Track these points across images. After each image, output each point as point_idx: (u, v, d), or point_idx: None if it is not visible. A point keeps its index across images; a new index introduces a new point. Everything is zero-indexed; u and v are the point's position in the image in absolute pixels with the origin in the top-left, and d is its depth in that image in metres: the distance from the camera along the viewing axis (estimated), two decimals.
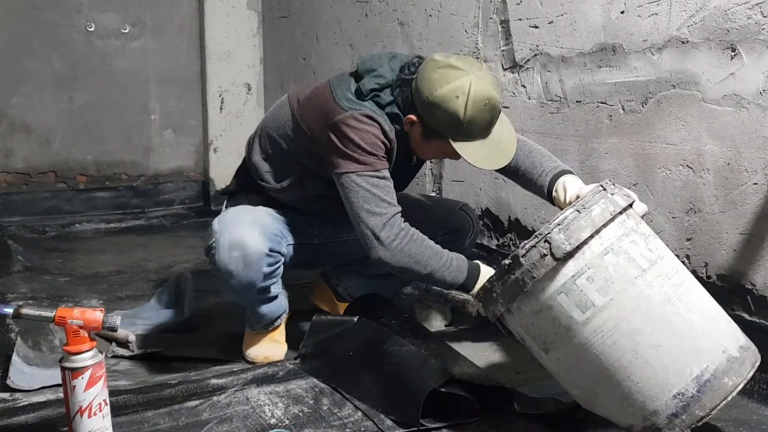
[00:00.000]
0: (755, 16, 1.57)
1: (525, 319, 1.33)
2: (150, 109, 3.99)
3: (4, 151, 3.68)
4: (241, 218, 1.73)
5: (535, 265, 1.26)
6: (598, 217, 1.27)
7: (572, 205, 1.30)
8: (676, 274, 1.31)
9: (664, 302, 1.26)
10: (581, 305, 1.26)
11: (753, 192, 1.61)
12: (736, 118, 1.63)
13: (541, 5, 2.15)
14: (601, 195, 1.31)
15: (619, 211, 1.29)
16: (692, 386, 1.23)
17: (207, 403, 1.54)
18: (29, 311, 1.30)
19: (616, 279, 1.26)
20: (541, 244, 1.26)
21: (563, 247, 1.24)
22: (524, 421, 1.46)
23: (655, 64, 1.80)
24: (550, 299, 1.27)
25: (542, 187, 1.69)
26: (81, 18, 3.75)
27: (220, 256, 1.66)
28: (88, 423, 1.27)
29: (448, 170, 2.65)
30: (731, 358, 1.26)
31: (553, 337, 1.31)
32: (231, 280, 1.68)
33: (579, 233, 1.25)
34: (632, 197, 1.36)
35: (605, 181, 1.38)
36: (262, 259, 1.67)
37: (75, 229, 3.60)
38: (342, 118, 1.63)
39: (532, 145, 1.79)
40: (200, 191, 4.17)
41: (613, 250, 1.27)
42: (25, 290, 2.47)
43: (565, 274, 1.26)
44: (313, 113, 1.71)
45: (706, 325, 1.28)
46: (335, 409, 1.53)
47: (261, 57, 4.14)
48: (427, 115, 1.62)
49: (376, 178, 1.64)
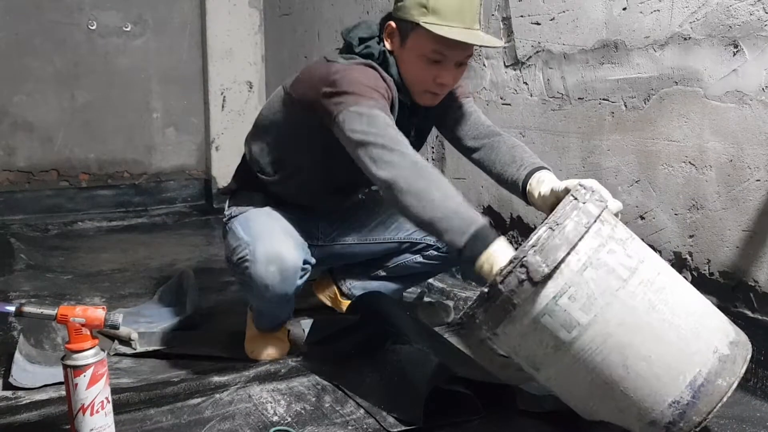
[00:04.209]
0: (758, 12, 1.56)
1: (512, 341, 1.30)
2: (152, 107, 4.00)
3: (7, 150, 3.68)
4: (270, 228, 1.69)
5: (514, 291, 1.21)
6: (572, 233, 1.21)
7: (544, 222, 1.26)
8: (658, 276, 1.27)
9: (649, 311, 1.23)
10: (566, 325, 1.22)
11: (756, 188, 1.61)
12: (738, 115, 1.62)
13: (543, 2, 2.15)
14: (573, 206, 1.25)
15: (593, 220, 1.24)
16: (687, 393, 1.21)
17: (209, 401, 1.54)
18: (31, 309, 1.30)
19: (598, 294, 1.22)
20: (518, 269, 1.20)
21: (541, 270, 1.19)
22: (526, 418, 1.46)
23: (658, 60, 1.80)
24: (534, 322, 1.24)
25: (516, 183, 1.65)
26: (83, 16, 3.75)
27: (256, 269, 1.62)
28: (90, 421, 1.27)
29: (450, 167, 2.65)
30: (723, 357, 1.24)
31: (542, 358, 1.28)
32: (266, 293, 1.65)
33: (555, 253, 1.20)
34: (605, 200, 1.29)
35: (575, 185, 1.33)
36: (297, 272, 1.65)
37: (77, 227, 3.61)
38: (337, 68, 1.59)
39: (516, 141, 1.76)
40: (202, 189, 4.18)
41: (591, 264, 1.22)
42: (28, 288, 2.47)
43: (546, 296, 1.22)
44: (308, 81, 1.67)
45: (694, 326, 1.25)
46: (337, 406, 1.53)
47: (263, 55, 4.14)
48: (396, 10, 1.61)
49: (381, 110, 1.51)
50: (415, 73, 1.63)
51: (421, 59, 1.60)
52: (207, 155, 4.14)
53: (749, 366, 1.28)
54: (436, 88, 1.64)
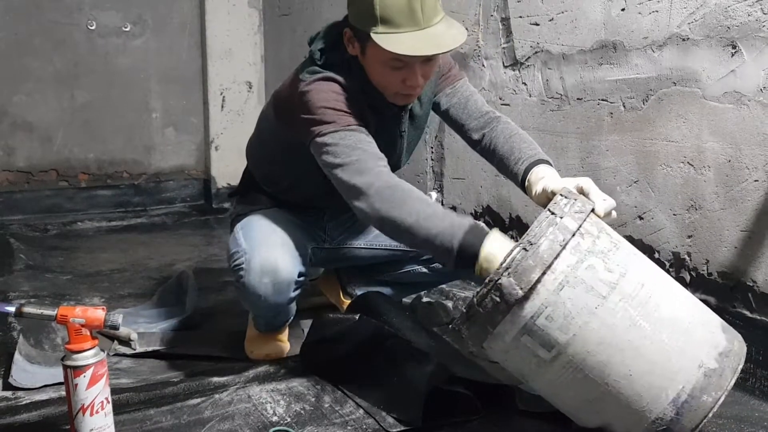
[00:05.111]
0: (755, 13, 1.56)
1: (498, 356, 1.30)
2: (151, 107, 3.99)
3: (6, 150, 3.68)
4: (270, 237, 1.68)
5: (491, 313, 1.21)
6: (546, 252, 1.19)
7: (519, 241, 1.23)
8: (642, 288, 1.23)
9: (629, 328, 1.20)
10: (545, 344, 1.21)
11: (754, 189, 1.61)
12: (736, 115, 1.63)
13: (542, 2, 2.15)
14: (549, 222, 1.22)
15: (570, 236, 1.21)
16: (670, 410, 1.19)
17: (209, 401, 1.54)
18: (31, 310, 1.31)
19: (575, 313, 1.19)
20: (493, 292, 1.20)
21: (515, 293, 1.18)
22: (525, 418, 1.47)
23: (656, 61, 1.80)
24: (514, 341, 1.23)
25: (516, 176, 1.62)
26: (82, 16, 3.75)
27: (250, 279, 1.63)
28: (90, 421, 1.27)
29: (449, 167, 2.65)
30: (708, 372, 1.20)
31: (527, 372, 1.29)
32: (259, 302, 1.66)
33: (529, 275, 1.18)
34: (586, 209, 1.25)
35: (558, 195, 1.30)
36: (291, 285, 1.66)
37: (77, 227, 3.61)
38: (302, 89, 1.59)
39: (514, 129, 1.71)
40: (202, 189, 4.18)
41: (568, 283, 1.19)
42: (27, 289, 2.47)
43: (524, 316, 1.20)
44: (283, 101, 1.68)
45: (678, 341, 1.22)
46: (337, 406, 1.54)
47: (262, 55, 4.14)
48: (350, 17, 1.56)
49: (345, 131, 1.52)
50: (380, 79, 1.59)
51: (384, 65, 1.55)
52: (206, 155, 4.14)
53: (747, 366, 1.28)
54: (407, 90, 1.59)
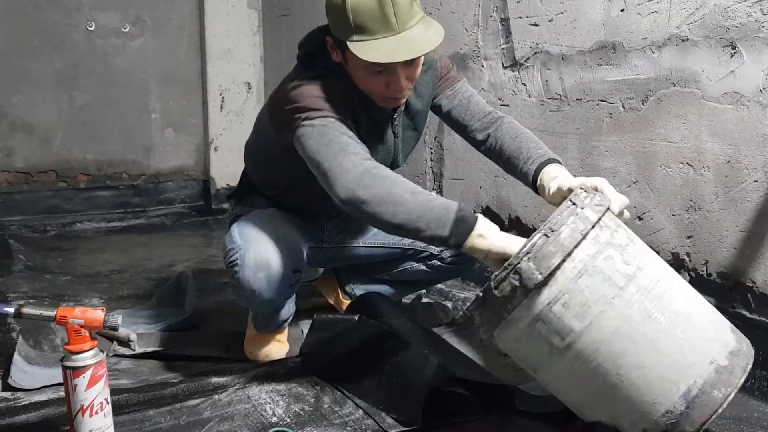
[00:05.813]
0: (755, 13, 1.57)
1: (508, 344, 1.30)
2: (150, 108, 4.00)
3: (5, 151, 3.68)
4: (264, 234, 1.67)
5: (507, 297, 1.21)
6: (567, 240, 1.19)
7: (540, 228, 1.24)
8: (658, 283, 1.25)
9: (645, 320, 1.22)
10: (560, 332, 1.22)
11: (753, 189, 1.61)
12: (736, 116, 1.63)
13: (541, 3, 2.15)
14: (570, 212, 1.24)
15: (590, 227, 1.22)
16: (681, 403, 1.20)
17: (208, 402, 1.54)
18: (30, 310, 1.30)
19: (592, 302, 1.20)
20: (512, 275, 1.21)
21: (534, 278, 1.19)
22: (525, 419, 1.47)
23: (655, 62, 1.80)
24: (528, 328, 1.24)
25: (527, 176, 1.62)
26: (81, 17, 3.76)
27: (244, 274, 1.62)
28: (90, 422, 1.27)
29: (448, 168, 2.65)
30: (720, 369, 1.22)
31: (538, 361, 1.29)
32: (254, 298, 1.66)
33: (549, 260, 1.19)
34: (605, 203, 1.27)
35: (577, 188, 1.32)
36: (285, 280, 1.66)
37: (76, 228, 3.61)
38: (288, 88, 1.58)
39: (519, 128, 1.72)
40: (201, 190, 4.18)
41: (587, 272, 1.21)
42: (27, 289, 2.47)
43: (541, 302, 1.21)
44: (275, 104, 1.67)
45: (691, 336, 1.24)
46: (336, 407, 1.53)
47: (261, 55, 4.15)
48: (330, 27, 1.54)
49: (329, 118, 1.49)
50: (364, 85, 1.59)
51: (365, 72, 1.54)
52: (206, 156, 4.14)
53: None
54: (393, 93, 1.58)
